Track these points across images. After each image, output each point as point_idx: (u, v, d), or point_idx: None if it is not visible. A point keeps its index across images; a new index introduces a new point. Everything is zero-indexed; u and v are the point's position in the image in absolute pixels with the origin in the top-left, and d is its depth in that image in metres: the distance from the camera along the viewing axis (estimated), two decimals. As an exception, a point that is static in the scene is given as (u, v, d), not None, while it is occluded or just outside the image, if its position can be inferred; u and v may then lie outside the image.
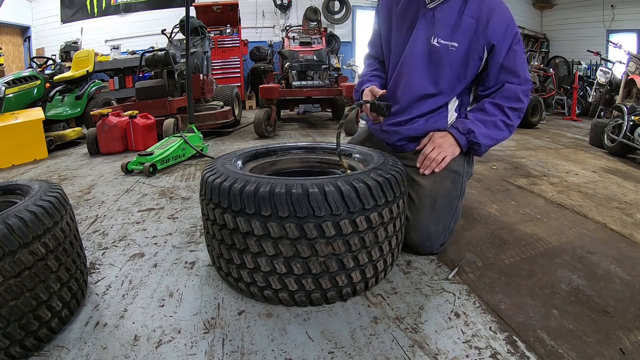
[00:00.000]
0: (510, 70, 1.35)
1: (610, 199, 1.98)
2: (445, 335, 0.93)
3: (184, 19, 3.35)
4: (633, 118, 2.98)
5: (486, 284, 1.16)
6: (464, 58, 1.34)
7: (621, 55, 5.11)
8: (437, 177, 1.35)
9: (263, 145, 1.47)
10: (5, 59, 6.73)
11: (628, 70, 4.49)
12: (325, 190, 0.95)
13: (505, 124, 1.38)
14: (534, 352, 0.87)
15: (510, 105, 1.37)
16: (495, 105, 1.38)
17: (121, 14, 8.21)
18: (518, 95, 1.36)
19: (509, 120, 1.38)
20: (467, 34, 1.32)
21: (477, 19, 1.30)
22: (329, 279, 1.00)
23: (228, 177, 1.03)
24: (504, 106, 1.37)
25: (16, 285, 0.81)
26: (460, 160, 1.41)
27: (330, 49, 6.52)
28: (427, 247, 1.31)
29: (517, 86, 1.36)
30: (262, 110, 4.08)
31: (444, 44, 1.34)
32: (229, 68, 7.31)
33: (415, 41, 1.39)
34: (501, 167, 2.72)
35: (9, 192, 1.08)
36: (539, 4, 9.36)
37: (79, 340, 0.92)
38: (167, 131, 3.41)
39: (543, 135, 4.34)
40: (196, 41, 4.61)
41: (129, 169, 2.63)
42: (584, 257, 1.34)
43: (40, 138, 3.32)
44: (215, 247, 1.09)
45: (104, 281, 1.20)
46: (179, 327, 0.97)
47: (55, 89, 4.31)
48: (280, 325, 0.98)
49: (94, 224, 1.70)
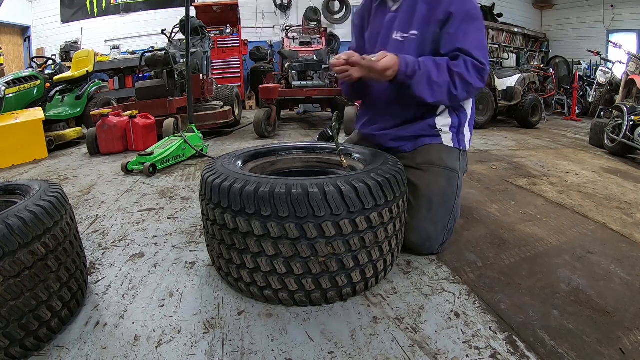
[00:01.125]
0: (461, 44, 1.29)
1: (610, 199, 1.98)
2: (445, 335, 0.93)
3: (184, 19, 3.35)
4: (633, 118, 2.98)
5: (486, 284, 1.16)
6: (422, 43, 1.36)
7: (621, 55, 5.10)
8: (431, 177, 1.35)
9: (263, 145, 1.47)
10: (5, 59, 6.73)
11: (628, 70, 4.48)
12: (325, 190, 0.94)
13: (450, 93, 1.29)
14: (534, 352, 0.87)
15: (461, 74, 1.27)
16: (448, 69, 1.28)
17: (121, 14, 8.22)
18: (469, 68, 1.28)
19: (454, 90, 1.29)
20: (422, 19, 1.35)
21: (430, 3, 1.33)
22: (329, 279, 1.00)
23: (228, 177, 1.03)
24: (454, 73, 1.28)
25: (16, 285, 0.81)
26: (455, 156, 1.40)
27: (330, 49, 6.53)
28: (428, 248, 1.31)
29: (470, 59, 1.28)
30: (262, 110, 4.08)
31: (404, 36, 1.38)
32: (229, 68, 7.31)
33: (381, 41, 1.45)
34: (501, 167, 2.72)
35: (9, 192, 1.08)
36: (539, 4, 9.37)
37: (79, 340, 0.92)
38: (167, 131, 3.41)
39: (543, 135, 4.34)
40: (196, 41, 4.62)
41: (129, 169, 2.63)
42: (584, 257, 1.34)
43: (40, 138, 3.33)
44: (215, 247, 1.09)
45: (104, 281, 1.20)
46: (179, 327, 0.97)
47: (55, 89, 4.31)
48: (280, 325, 0.98)
49: (94, 224, 1.70)
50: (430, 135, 1.42)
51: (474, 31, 1.32)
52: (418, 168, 1.38)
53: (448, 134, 1.42)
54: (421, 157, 1.40)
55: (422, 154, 1.40)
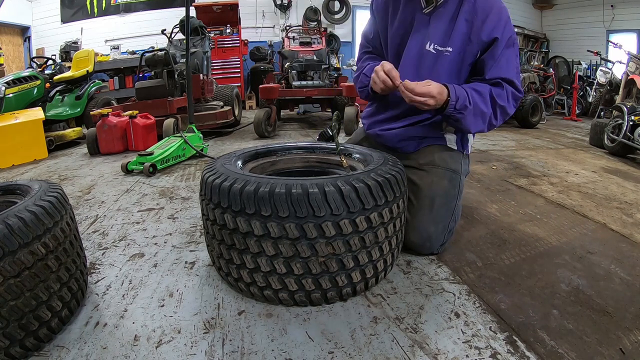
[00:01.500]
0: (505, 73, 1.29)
1: (610, 199, 1.98)
2: (445, 335, 0.93)
3: (184, 19, 3.35)
4: (633, 118, 2.98)
5: (486, 284, 1.16)
6: (459, 61, 1.32)
7: (621, 55, 5.10)
8: (433, 177, 1.35)
9: (263, 145, 1.47)
10: (5, 59, 6.73)
11: (628, 70, 4.48)
12: (325, 190, 0.94)
13: (490, 123, 1.31)
14: (534, 352, 0.87)
15: (502, 104, 1.29)
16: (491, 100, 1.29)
17: (121, 14, 8.21)
18: (509, 97, 1.30)
19: (494, 120, 1.31)
20: (462, 37, 1.30)
21: (471, 22, 1.28)
22: (329, 279, 1.00)
23: (228, 177, 1.03)
24: (495, 104, 1.29)
25: (16, 285, 0.81)
26: (458, 158, 1.41)
27: (330, 49, 6.52)
28: (427, 248, 1.31)
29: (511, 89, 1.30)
30: (262, 110, 4.08)
31: (439, 50, 1.32)
32: (229, 68, 7.31)
33: (411, 47, 1.37)
34: (501, 167, 2.72)
35: (9, 192, 1.08)
36: (539, 4, 9.37)
37: (79, 340, 0.92)
38: (167, 131, 3.41)
39: (543, 135, 4.35)
40: (196, 41, 4.62)
41: (129, 169, 2.63)
42: (584, 257, 1.34)
43: (40, 138, 3.32)
44: (215, 247, 1.09)
45: (104, 281, 1.20)
46: (179, 327, 0.97)
47: (55, 89, 4.31)
48: (280, 325, 0.98)
49: (94, 224, 1.70)
50: (434, 136, 1.42)
51: (514, 58, 1.32)
52: (421, 168, 1.39)
53: (453, 137, 1.42)
54: (424, 158, 1.40)
55: (425, 154, 1.40)
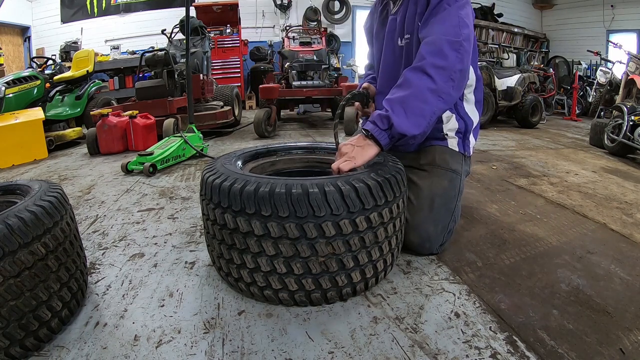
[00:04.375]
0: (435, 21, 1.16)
1: (610, 199, 1.98)
2: (445, 335, 0.93)
3: (184, 19, 3.35)
4: (633, 118, 2.98)
5: (486, 284, 1.16)
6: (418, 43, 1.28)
7: (621, 55, 5.10)
8: (433, 177, 1.35)
9: (263, 145, 1.47)
10: (5, 59, 6.73)
11: (628, 70, 4.48)
12: (325, 190, 0.94)
13: (433, 91, 1.10)
14: (534, 352, 0.87)
15: (433, 62, 1.10)
16: (415, 69, 1.13)
17: (121, 14, 8.21)
18: (441, 47, 1.11)
19: (433, 85, 1.10)
20: (414, 18, 1.32)
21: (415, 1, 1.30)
22: (329, 279, 1.00)
23: (228, 177, 1.03)
24: (424, 66, 1.11)
25: (16, 285, 0.81)
26: (458, 159, 1.41)
27: (330, 49, 6.53)
28: (427, 248, 1.31)
29: (440, 36, 1.12)
30: (262, 110, 4.08)
31: (406, 40, 1.36)
32: (229, 68, 7.31)
33: (386, 49, 1.44)
34: (501, 167, 2.72)
35: (9, 192, 1.08)
36: (539, 4, 9.37)
37: (79, 340, 0.92)
38: (167, 131, 3.41)
39: (543, 135, 4.35)
40: (196, 41, 4.62)
41: (129, 169, 2.63)
42: (584, 257, 1.34)
43: (40, 138, 3.33)
44: (216, 247, 1.09)
45: (104, 281, 1.20)
46: (179, 327, 0.97)
47: (55, 89, 4.31)
48: (280, 325, 0.98)
49: (94, 224, 1.70)
50: (436, 137, 1.42)
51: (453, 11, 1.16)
52: (421, 168, 1.39)
53: (454, 139, 1.42)
54: (424, 158, 1.40)
55: (425, 154, 1.41)
